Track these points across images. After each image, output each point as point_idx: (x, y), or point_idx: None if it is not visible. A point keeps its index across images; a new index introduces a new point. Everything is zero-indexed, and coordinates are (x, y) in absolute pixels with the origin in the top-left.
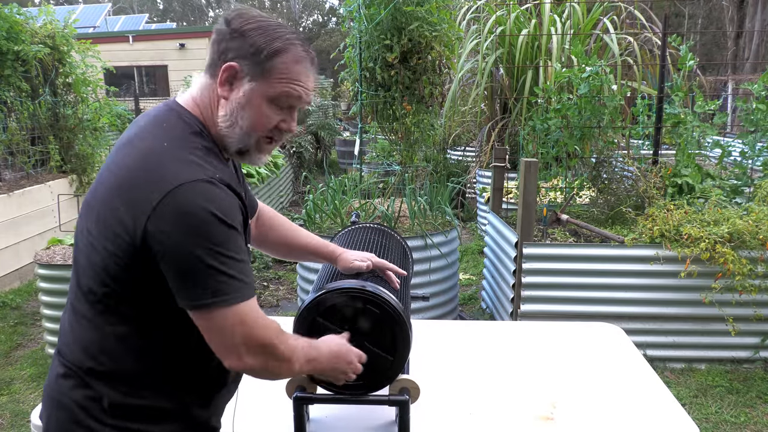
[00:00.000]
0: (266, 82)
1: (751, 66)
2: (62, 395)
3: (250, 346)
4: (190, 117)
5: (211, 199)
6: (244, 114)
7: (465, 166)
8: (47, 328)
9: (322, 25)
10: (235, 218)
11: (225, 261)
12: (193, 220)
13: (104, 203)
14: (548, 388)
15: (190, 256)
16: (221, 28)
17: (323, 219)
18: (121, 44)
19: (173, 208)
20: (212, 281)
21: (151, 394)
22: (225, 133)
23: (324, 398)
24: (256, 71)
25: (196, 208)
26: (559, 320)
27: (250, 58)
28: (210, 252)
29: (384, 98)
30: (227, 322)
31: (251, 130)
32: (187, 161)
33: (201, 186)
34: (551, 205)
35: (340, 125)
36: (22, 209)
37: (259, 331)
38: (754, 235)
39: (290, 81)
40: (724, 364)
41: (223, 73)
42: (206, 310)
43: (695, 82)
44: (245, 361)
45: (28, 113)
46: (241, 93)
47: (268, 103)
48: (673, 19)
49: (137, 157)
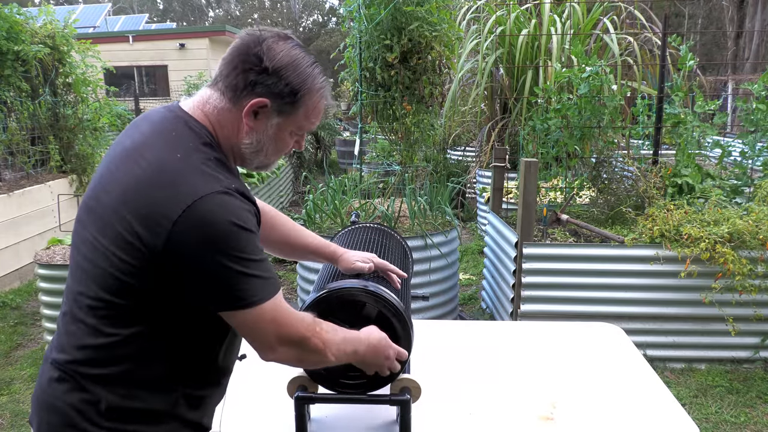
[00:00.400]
0: (294, 118)
1: (751, 66)
2: (56, 399)
3: (284, 341)
4: (200, 127)
5: (230, 210)
6: (271, 144)
7: (465, 166)
8: (47, 328)
9: (322, 25)
10: (252, 224)
11: (249, 264)
12: (215, 232)
13: (114, 212)
14: (548, 388)
15: (217, 265)
16: (249, 55)
17: (323, 219)
18: (121, 44)
19: (194, 222)
20: (241, 285)
21: (147, 397)
22: (248, 157)
23: (325, 398)
24: (285, 109)
25: (217, 219)
26: (559, 320)
27: (282, 98)
28: (235, 259)
29: (384, 98)
30: (259, 320)
31: (274, 156)
32: (202, 173)
33: (219, 198)
34: (551, 205)
35: (340, 125)
36: (22, 209)
37: (291, 326)
38: (754, 235)
39: (315, 117)
40: (724, 364)
41: (252, 106)
42: (239, 312)
43: (695, 82)
44: (279, 354)
45: (28, 113)
46: (269, 126)
47: (290, 134)
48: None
49: (149, 169)
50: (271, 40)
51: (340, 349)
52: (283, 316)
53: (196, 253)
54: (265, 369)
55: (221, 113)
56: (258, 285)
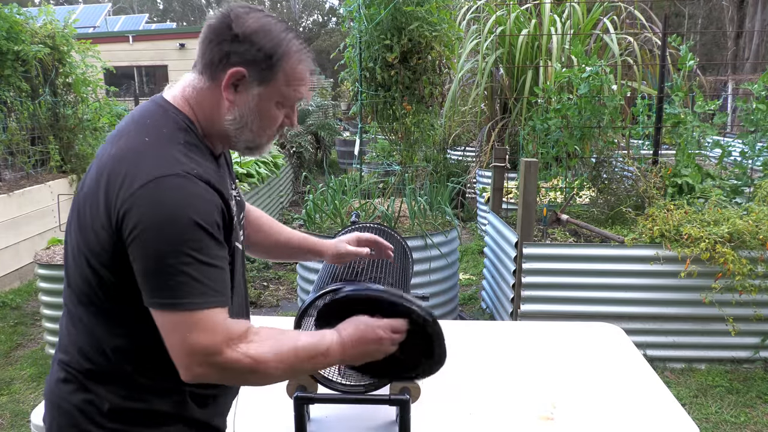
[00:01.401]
0: (274, 86)
1: (751, 66)
2: (62, 400)
3: (196, 357)
4: (177, 112)
5: (182, 195)
6: (254, 118)
7: (465, 166)
8: (47, 328)
9: (322, 25)
10: (207, 216)
11: (190, 263)
12: (159, 215)
13: (86, 200)
14: (548, 388)
15: (153, 251)
16: (220, 28)
17: (323, 219)
18: (121, 44)
19: (143, 201)
20: (171, 281)
21: (150, 397)
22: (234, 134)
23: (325, 398)
24: (263, 76)
25: (166, 202)
26: (559, 320)
27: (258, 64)
28: (173, 251)
29: (384, 98)
30: (173, 327)
31: (261, 131)
32: (165, 156)
33: (174, 180)
34: (551, 205)
35: (340, 125)
36: (22, 209)
37: (206, 342)
38: (754, 235)
39: (297, 83)
40: (724, 364)
41: (230, 78)
42: (160, 310)
43: (695, 82)
44: (194, 371)
45: (28, 113)
46: (250, 97)
47: (275, 105)
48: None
49: (118, 153)
50: (240, 10)
51: (292, 360)
52: (205, 329)
53: (137, 234)
54: None
55: (201, 94)
56: (187, 288)
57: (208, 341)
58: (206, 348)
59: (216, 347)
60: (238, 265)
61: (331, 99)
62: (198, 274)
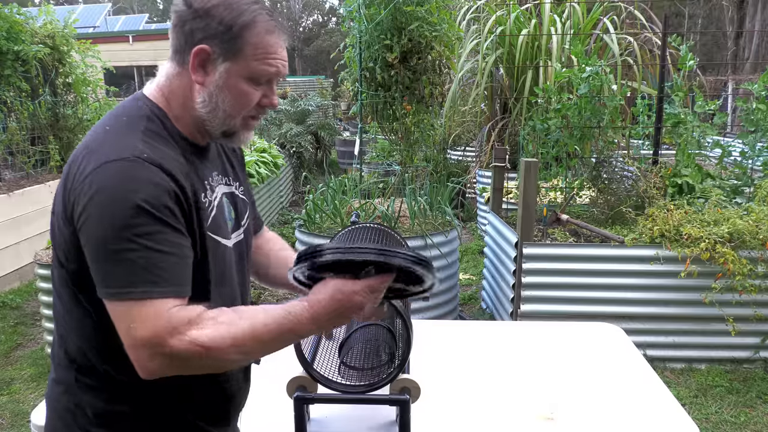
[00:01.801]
0: (241, 60)
1: (751, 66)
2: (55, 401)
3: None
4: (147, 102)
5: (127, 178)
6: (224, 97)
7: (465, 166)
8: (47, 328)
9: (322, 25)
10: (154, 200)
11: (132, 248)
12: (102, 200)
13: (55, 198)
14: (548, 388)
15: (96, 237)
16: (181, 9)
17: (323, 219)
18: (121, 44)
19: (90, 186)
20: (115, 269)
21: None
22: (207, 118)
23: (325, 398)
24: (228, 50)
25: (109, 186)
26: (559, 320)
27: (219, 37)
28: (116, 236)
29: (384, 98)
30: (117, 316)
31: (234, 111)
32: (119, 142)
33: (120, 164)
34: (551, 205)
35: (340, 125)
36: (22, 209)
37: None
38: (754, 235)
39: (266, 55)
40: (724, 364)
41: (195, 58)
42: (106, 300)
43: (695, 82)
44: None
45: (28, 113)
46: (218, 75)
47: (247, 82)
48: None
49: (80, 144)
50: None
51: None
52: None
53: (85, 222)
54: (265, 369)
55: (173, 81)
56: (136, 276)
57: (150, 333)
58: (150, 340)
59: (159, 338)
60: (228, 260)
61: (331, 99)
62: (143, 261)
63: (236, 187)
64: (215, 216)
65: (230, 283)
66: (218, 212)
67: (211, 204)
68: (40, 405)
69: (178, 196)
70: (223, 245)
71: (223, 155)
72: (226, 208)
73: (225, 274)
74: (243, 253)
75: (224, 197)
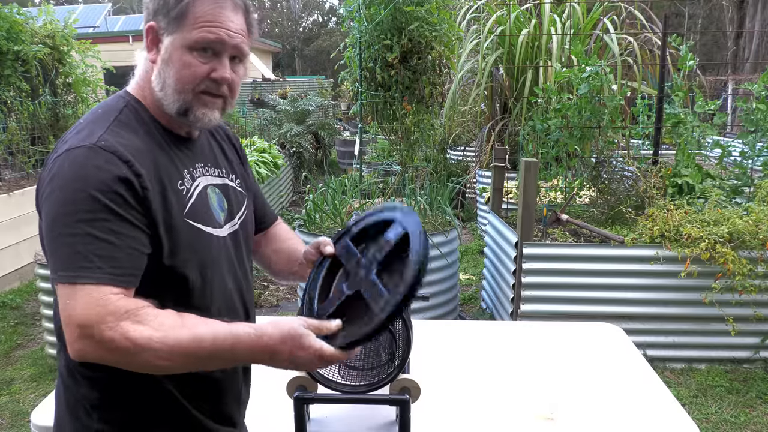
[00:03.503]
0: (182, 31)
1: (751, 66)
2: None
3: (72, 329)
4: (128, 97)
5: (79, 165)
6: (168, 70)
7: (465, 166)
8: (47, 328)
9: (322, 25)
10: (104, 187)
11: (75, 233)
12: (56, 186)
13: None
14: (548, 388)
15: (46, 220)
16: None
17: (323, 219)
18: (121, 44)
19: (50, 172)
20: (58, 251)
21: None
22: (159, 96)
23: (325, 398)
24: (171, 24)
25: (62, 174)
26: (559, 320)
27: (162, 11)
28: (61, 222)
29: (384, 98)
30: (58, 298)
31: (179, 85)
32: (85, 132)
33: (78, 152)
34: (551, 205)
35: (340, 125)
36: (22, 209)
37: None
38: (754, 235)
39: (206, 23)
40: (724, 364)
41: (147, 38)
42: (54, 284)
43: (695, 82)
44: (75, 346)
45: (28, 113)
46: (163, 50)
47: (188, 52)
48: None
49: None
50: None
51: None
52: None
53: (42, 206)
54: (265, 369)
55: (144, 70)
56: (75, 260)
57: (82, 316)
58: (81, 322)
59: (89, 322)
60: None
61: (331, 99)
62: (82, 246)
63: (231, 180)
64: (194, 203)
65: (218, 272)
66: (199, 200)
67: (189, 192)
68: (41, 405)
69: (131, 183)
70: (208, 233)
71: (218, 150)
72: (216, 198)
73: (210, 261)
74: (239, 244)
75: (211, 188)
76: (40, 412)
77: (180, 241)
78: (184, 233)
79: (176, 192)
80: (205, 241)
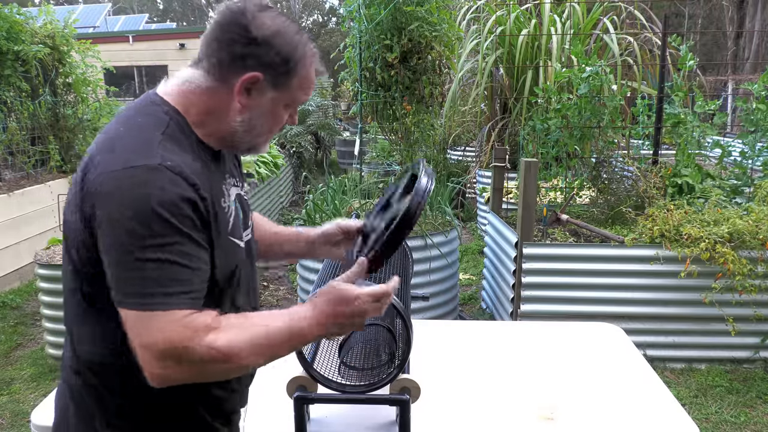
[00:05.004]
0: (288, 89)
1: (751, 66)
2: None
3: (164, 355)
4: (164, 105)
5: (150, 185)
6: (265, 120)
7: (465, 166)
8: (47, 328)
9: (322, 25)
10: (175, 209)
11: (150, 257)
12: (123, 207)
13: (69, 198)
14: (548, 388)
15: (115, 245)
16: (234, 28)
17: (323, 219)
18: (121, 44)
19: (114, 190)
20: (131, 277)
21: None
22: (240, 136)
23: (325, 398)
24: (279, 81)
25: (130, 192)
26: (559, 320)
27: (275, 68)
28: (135, 245)
29: (384, 98)
30: (132, 325)
31: (269, 134)
32: (140, 146)
33: (143, 171)
34: (551, 205)
35: (340, 125)
36: (22, 209)
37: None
38: (754, 235)
39: (309, 85)
40: (724, 364)
41: (244, 82)
42: (120, 308)
43: (695, 82)
44: (163, 372)
45: (28, 113)
46: (263, 101)
47: (285, 108)
48: (673, 19)
49: (95, 147)
50: (254, 9)
51: (264, 347)
52: (162, 328)
53: (104, 227)
54: (265, 369)
55: (204, 92)
56: (151, 286)
57: (164, 340)
58: (163, 347)
59: (173, 345)
60: (240, 259)
61: (331, 99)
62: (159, 271)
63: (242, 188)
64: (234, 219)
65: (242, 281)
66: (235, 216)
67: (230, 208)
68: (41, 405)
69: (197, 206)
70: (240, 246)
71: (230, 157)
72: (240, 209)
73: (239, 273)
74: (252, 250)
75: (236, 199)
76: (40, 412)
77: (225, 257)
78: (228, 250)
79: (222, 210)
80: (238, 254)
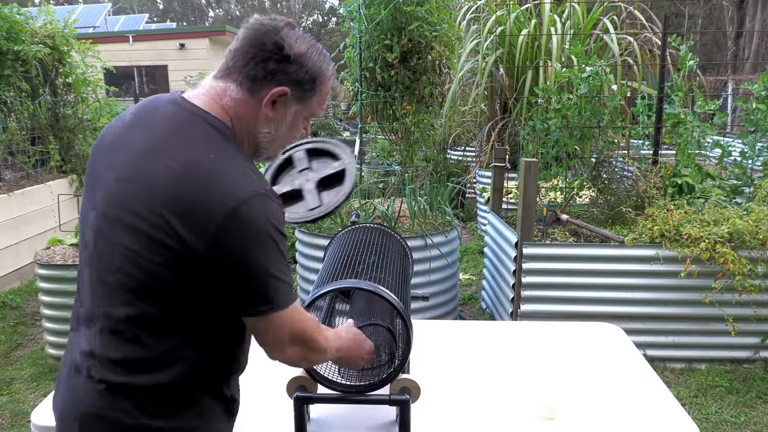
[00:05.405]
0: (310, 104)
1: (751, 66)
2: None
3: (296, 341)
4: (219, 123)
5: (271, 213)
6: (285, 129)
7: (465, 166)
8: (47, 328)
9: (322, 25)
10: (282, 225)
11: (281, 269)
12: (259, 235)
13: (144, 218)
14: (548, 388)
15: (257, 268)
16: (268, 45)
17: (323, 219)
18: (121, 44)
19: (240, 224)
20: (272, 289)
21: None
22: (264, 146)
23: (324, 398)
24: (304, 96)
25: (261, 223)
26: (559, 320)
27: (302, 85)
28: (273, 263)
29: (384, 98)
30: (280, 323)
31: (287, 143)
32: (239, 173)
33: (261, 200)
34: (551, 205)
35: (340, 125)
36: (22, 209)
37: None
38: (754, 235)
39: (324, 101)
40: (724, 364)
41: (273, 95)
42: (264, 315)
43: (695, 82)
44: (288, 354)
45: (28, 113)
46: (287, 114)
47: (304, 120)
48: (673, 19)
49: (183, 170)
50: (286, 29)
51: (334, 345)
52: (299, 318)
53: (239, 256)
54: (264, 369)
55: (239, 105)
56: (285, 289)
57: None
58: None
59: (306, 331)
60: None
61: (331, 99)
62: (286, 276)
63: None
64: None
65: None
66: None
67: None
68: (40, 405)
69: None
70: None
71: None
72: None
73: None
74: None
75: None
76: (40, 412)
77: None
78: None
79: None
80: None
